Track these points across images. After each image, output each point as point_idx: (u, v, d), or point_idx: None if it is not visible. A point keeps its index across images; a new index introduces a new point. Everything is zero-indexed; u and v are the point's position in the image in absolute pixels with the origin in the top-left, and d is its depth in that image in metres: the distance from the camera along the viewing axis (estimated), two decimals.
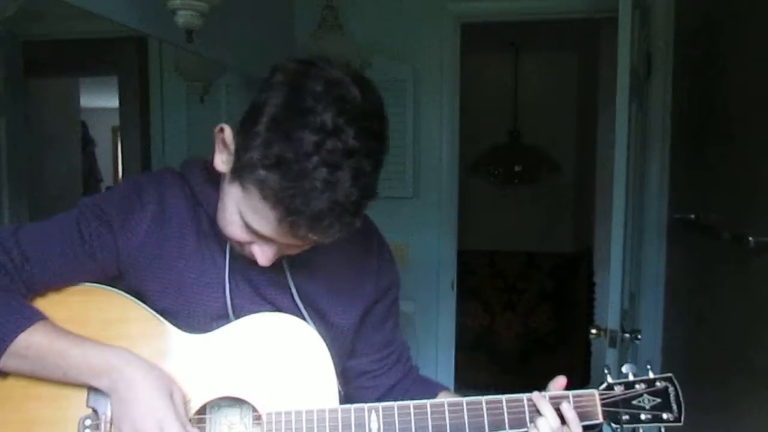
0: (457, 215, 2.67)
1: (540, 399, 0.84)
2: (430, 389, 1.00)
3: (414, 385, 1.02)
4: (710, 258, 1.72)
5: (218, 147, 0.81)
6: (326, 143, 0.69)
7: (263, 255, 0.80)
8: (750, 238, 1.24)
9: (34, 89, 2.66)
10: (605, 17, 2.42)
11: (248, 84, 2.35)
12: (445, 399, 0.84)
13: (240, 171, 0.75)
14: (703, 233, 1.79)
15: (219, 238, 0.88)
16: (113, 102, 3.15)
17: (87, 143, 4.21)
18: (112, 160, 5.32)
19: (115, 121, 3.77)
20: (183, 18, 1.43)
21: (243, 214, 0.77)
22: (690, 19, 2.11)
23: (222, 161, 0.80)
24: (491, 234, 4.48)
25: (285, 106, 0.72)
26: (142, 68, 2.72)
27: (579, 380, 3.79)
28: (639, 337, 1.68)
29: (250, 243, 0.81)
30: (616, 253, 1.60)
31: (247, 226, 0.78)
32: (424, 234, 2.56)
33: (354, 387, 0.94)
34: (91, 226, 0.84)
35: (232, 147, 0.78)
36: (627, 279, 1.77)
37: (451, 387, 2.74)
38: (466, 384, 3.86)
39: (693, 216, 1.82)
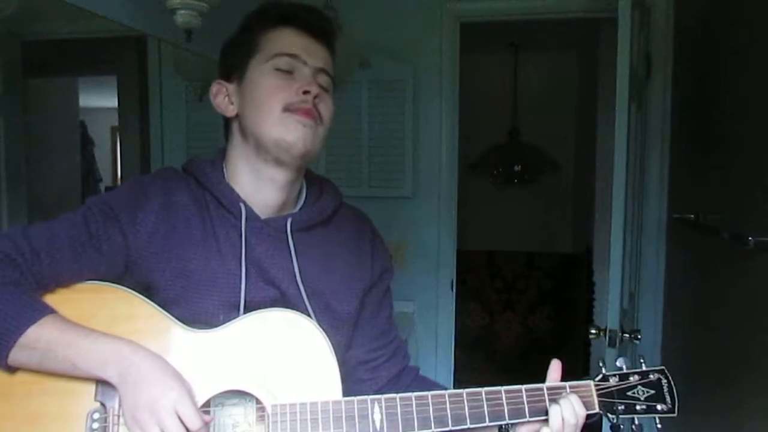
0: (456, 215, 2.67)
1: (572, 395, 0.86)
2: (430, 389, 1.00)
3: (414, 382, 1.03)
4: (710, 258, 1.72)
5: (219, 101, 0.97)
6: None
7: (308, 79, 0.92)
8: (750, 238, 1.24)
9: (33, 89, 2.66)
10: (605, 17, 2.42)
11: None
12: (446, 391, 0.86)
13: (250, 48, 0.94)
14: (703, 233, 1.78)
15: (226, 223, 0.92)
16: (112, 102, 3.15)
17: (86, 143, 4.22)
18: (111, 160, 5.32)
19: (114, 120, 3.77)
20: (182, 17, 1.43)
21: (278, 57, 0.92)
22: (690, 19, 2.11)
23: (230, 101, 0.96)
24: (491, 234, 4.47)
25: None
26: (141, 68, 2.72)
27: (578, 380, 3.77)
28: (639, 337, 1.68)
29: (299, 91, 0.91)
30: (616, 253, 1.60)
31: (283, 69, 0.91)
32: (423, 234, 2.56)
33: (353, 381, 0.95)
34: (98, 222, 0.87)
35: (228, 86, 0.97)
36: (627, 279, 1.77)
37: (450, 387, 2.74)
38: (465, 384, 3.87)
39: (693, 216, 1.81)
